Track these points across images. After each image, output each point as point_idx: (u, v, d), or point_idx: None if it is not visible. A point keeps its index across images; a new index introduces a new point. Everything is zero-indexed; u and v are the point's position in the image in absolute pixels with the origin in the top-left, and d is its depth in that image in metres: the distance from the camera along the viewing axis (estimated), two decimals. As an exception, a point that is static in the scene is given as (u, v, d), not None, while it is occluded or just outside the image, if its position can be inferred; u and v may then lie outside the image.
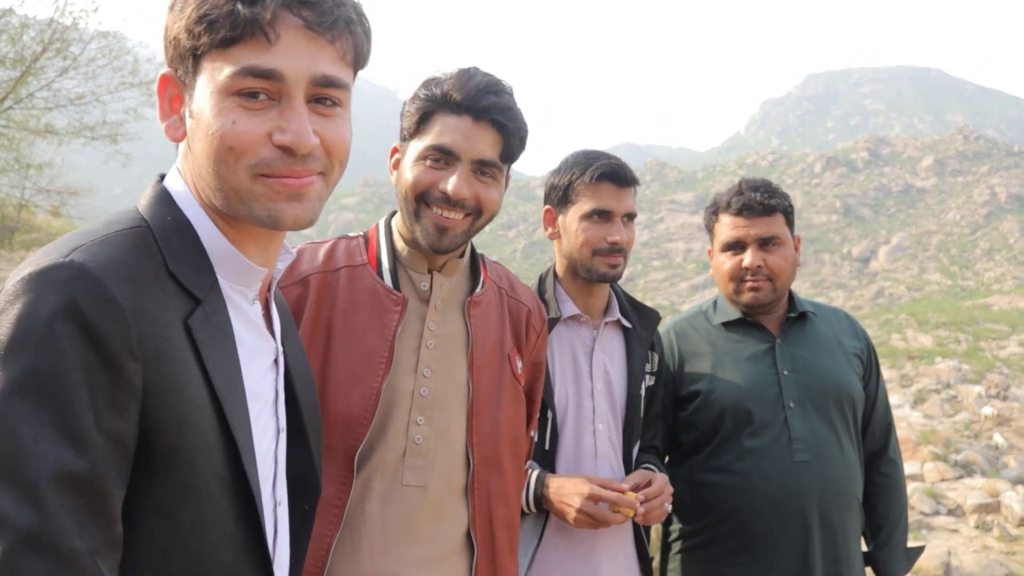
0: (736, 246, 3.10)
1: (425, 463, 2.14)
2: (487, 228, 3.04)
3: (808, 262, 58.93)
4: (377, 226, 2.38)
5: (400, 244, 2.29)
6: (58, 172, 24.24)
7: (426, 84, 2.23)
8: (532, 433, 2.54)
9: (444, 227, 2.17)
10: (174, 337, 1.25)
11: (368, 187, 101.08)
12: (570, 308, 2.83)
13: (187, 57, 1.33)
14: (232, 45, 1.29)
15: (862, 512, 3.13)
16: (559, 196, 2.84)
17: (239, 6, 1.28)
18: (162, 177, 1.45)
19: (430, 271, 2.28)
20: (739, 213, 3.08)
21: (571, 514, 2.56)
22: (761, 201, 3.06)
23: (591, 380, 2.80)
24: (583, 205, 2.77)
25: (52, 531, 1.07)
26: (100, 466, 1.12)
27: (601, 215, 2.76)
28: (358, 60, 1.44)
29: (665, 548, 3.18)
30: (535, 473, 2.63)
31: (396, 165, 2.30)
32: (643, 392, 2.89)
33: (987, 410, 16.10)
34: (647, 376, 2.93)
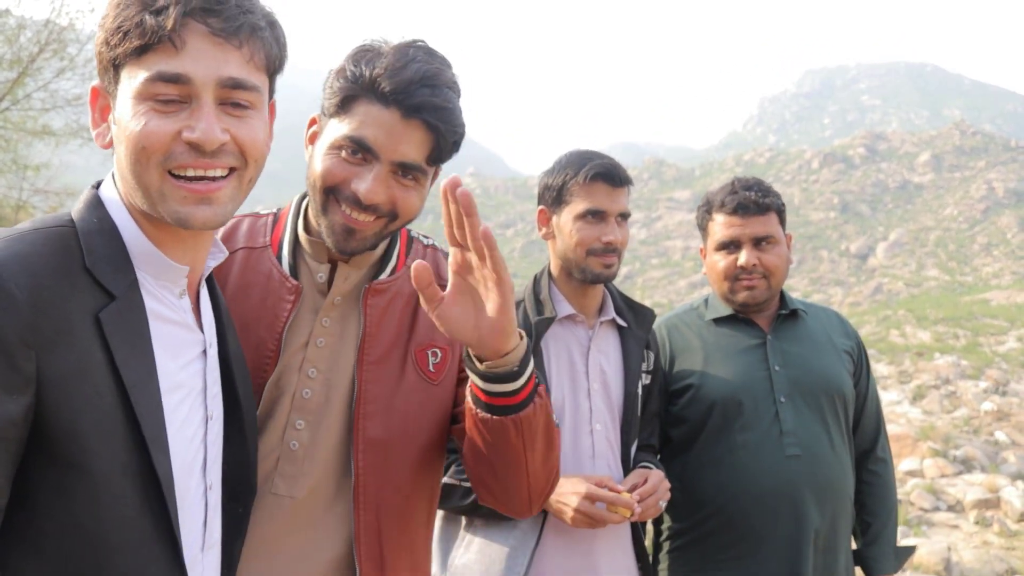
0: (731, 245, 3.11)
1: (297, 472, 1.91)
2: (486, 227, 3.01)
3: (806, 259, 58.93)
4: (293, 203, 2.11)
5: (303, 229, 2.04)
6: (55, 173, 24.21)
7: (356, 57, 1.89)
8: None
9: (352, 229, 1.88)
10: (78, 328, 1.34)
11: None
12: (565, 308, 2.83)
13: (109, 68, 1.44)
14: (144, 53, 1.40)
15: (853, 509, 3.14)
16: (553, 196, 2.84)
17: (147, 16, 1.39)
18: (99, 184, 1.56)
19: (331, 261, 2.01)
20: (734, 212, 3.09)
21: (568, 514, 2.57)
22: (756, 200, 3.08)
23: (587, 380, 2.80)
24: (577, 205, 2.78)
25: None
26: None
27: (595, 215, 2.76)
28: (271, 64, 1.53)
29: (657, 546, 3.19)
30: None
31: (312, 139, 1.99)
32: (639, 391, 2.89)
33: (987, 406, 16.11)
34: (643, 375, 2.94)
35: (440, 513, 2.77)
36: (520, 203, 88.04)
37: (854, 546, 3.18)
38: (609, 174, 2.77)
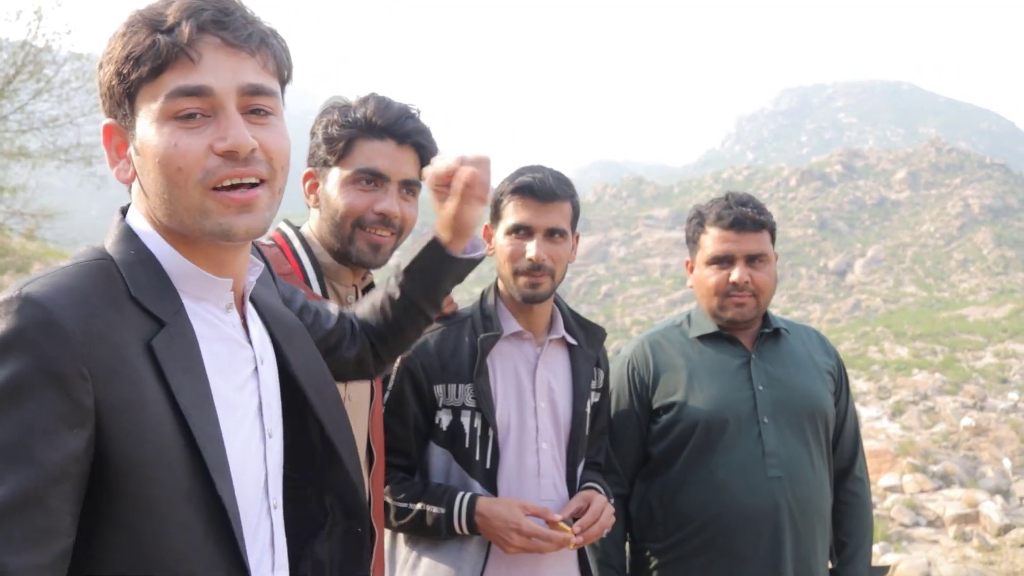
0: (723, 260, 3.07)
1: None
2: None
3: (785, 276, 59.13)
4: (284, 235, 2.47)
5: (325, 257, 2.43)
6: (32, 195, 24.08)
7: (341, 111, 2.39)
8: None
9: (378, 245, 2.36)
10: (132, 357, 1.33)
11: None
12: (512, 325, 2.79)
13: (123, 100, 1.43)
14: (160, 74, 1.39)
15: (831, 529, 3.13)
16: (492, 212, 2.79)
17: (159, 36, 1.39)
18: (124, 211, 1.55)
19: (353, 285, 2.48)
20: (730, 227, 3.06)
21: (507, 549, 2.58)
22: (752, 217, 3.06)
23: (534, 398, 2.77)
24: (507, 220, 2.73)
25: None
26: (44, 483, 1.20)
27: (519, 231, 2.70)
28: (281, 72, 1.54)
29: (636, 566, 3.16)
30: (464, 496, 2.62)
31: (313, 189, 2.45)
32: (588, 410, 2.87)
33: (965, 421, 16.19)
34: (593, 392, 2.91)
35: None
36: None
37: (830, 566, 3.18)
38: (534, 187, 2.68)
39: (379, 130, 2.34)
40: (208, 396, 1.41)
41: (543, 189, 2.69)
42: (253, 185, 1.45)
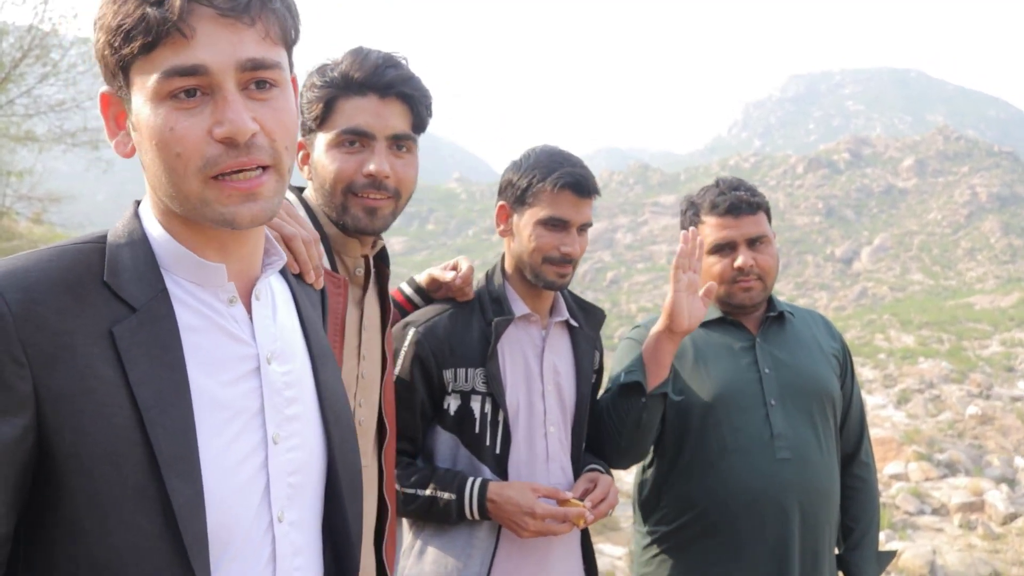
0: (725, 247, 3.06)
1: (364, 443, 2.21)
2: (470, 232, 3.03)
3: (791, 263, 59.02)
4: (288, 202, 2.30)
5: (331, 228, 2.24)
6: (39, 179, 24.16)
7: (320, 71, 2.21)
8: None
9: (373, 208, 2.18)
10: (82, 345, 1.26)
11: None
12: (521, 308, 2.79)
13: (117, 72, 1.34)
14: (153, 49, 1.29)
15: (838, 513, 3.13)
16: (516, 195, 2.76)
17: (148, 9, 1.27)
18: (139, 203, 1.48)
19: (363, 256, 2.31)
20: (727, 213, 3.04)
21: (522, 534, 2.58)
22: (747, 199, 3.05)
23: (542, 382, 2.77)
24: (540, 211, 2.71)
25: None
26: None
27: (557, 224, 2.70)
28: (287, 36, 1.42)
29: (642, 550, 3.16)
30: (475, 481, 2.62)
31: (305, 160, 2.28)
32: (589, 391, 2.89)
33: (971, 409, 16.17)
34: (593, 375, 2.93)
35: None
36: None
37: (836, 551, 3.18)
38: (578, 184, 2.69)
39: (358, 85, 2.15)
40: (181, 389, 1.32)
41: (585, 186, 2.71)
42: (260, 169, 1.36)
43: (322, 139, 2.20)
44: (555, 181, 2.68)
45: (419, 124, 2.23)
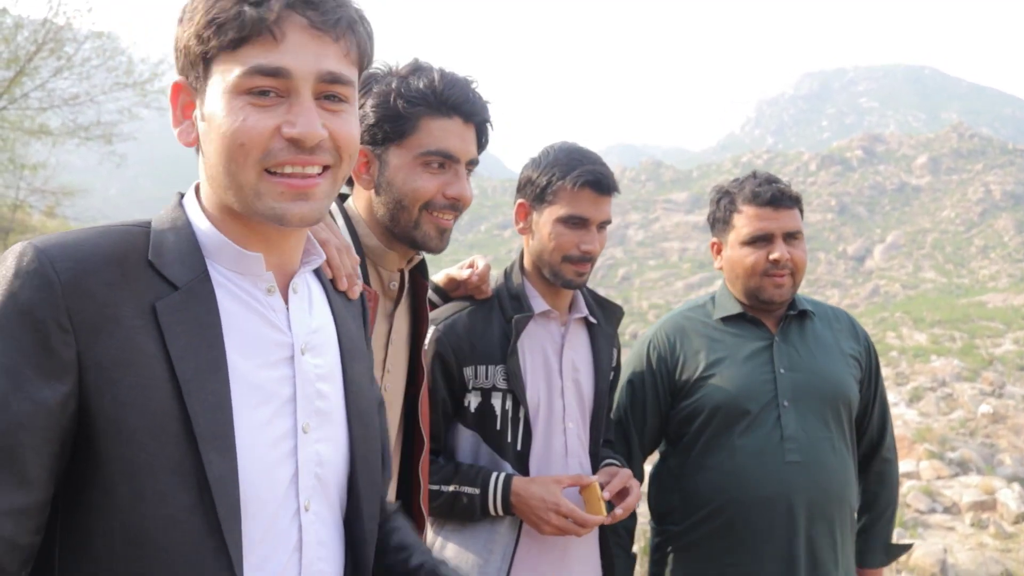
0: (762, 239, 3.00)
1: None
2: (482, 228, 3.05)
3: (803, 260, 58.88)
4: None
5: (370, 239, 2.25)
6: (53, 173, 24.25)
7: (402, 83, 2.19)
8: None
9: (444, 228, 2.22)
10: (126, 317, 1.30)
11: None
12: (540, 304, 2.78)
13: (198, 63, 1.39)
14: (241, 46, 1.35)
15: (855, 518, 3.10)
16: (535, 193, 2.75)
17: (246, 8, 1.34)
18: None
19: (399, 271, 2.31)
20: (768, 204, 3.00)
21: (544, 529, 2.58)
22: (789, 193, 3.02)
23: (561, 378, 2.77)
24: (560, 208, 2.70)
25: None
26: (14, 428, 1.21)
27: (577, 222, 2.69)
28: (362, 59, 1.49)
29: (653, 549, 3.15)
30: (499, 476, 2.62)
31: (365, 168, 2.23)
32: (607, 388, 2.89)
33: (983, 408, 16.11)
34: (611, 372, 2.93)
35: None
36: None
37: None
38: (598, 182, 2.68)
39: (448, 107, 2.17)
40: (219, 366, 1.35)
41: (605, 184, 2.70)
42: (314, 174, 1.41)
43: (402, 154, 2.18)
44: (575, 179, 2.67)
45: (481, 149, 2.29)
